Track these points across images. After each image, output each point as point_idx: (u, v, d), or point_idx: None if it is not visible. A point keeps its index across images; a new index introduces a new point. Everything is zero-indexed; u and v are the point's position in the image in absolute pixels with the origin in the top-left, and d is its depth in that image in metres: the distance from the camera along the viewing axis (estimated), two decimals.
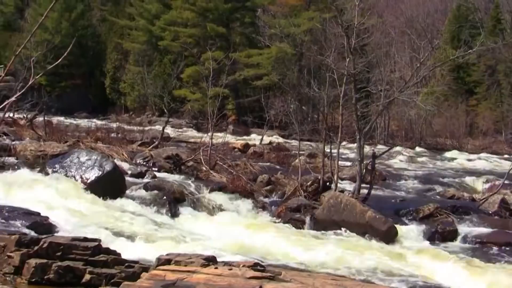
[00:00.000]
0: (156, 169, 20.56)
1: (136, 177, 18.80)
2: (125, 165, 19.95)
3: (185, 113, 56.33)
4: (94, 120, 53.30)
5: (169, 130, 37.58)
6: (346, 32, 18.16)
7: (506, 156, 40.00)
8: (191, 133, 45.80)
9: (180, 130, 49.77)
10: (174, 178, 19.45)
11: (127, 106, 67.67)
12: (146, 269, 8.55)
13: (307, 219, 16.08)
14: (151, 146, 25.16)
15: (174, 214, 15.92)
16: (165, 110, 32.12)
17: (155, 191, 16.68)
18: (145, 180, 18.43)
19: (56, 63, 7.76)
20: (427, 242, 15.27)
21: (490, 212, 17.78)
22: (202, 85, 33.29)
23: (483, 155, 41.70)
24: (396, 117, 53.01)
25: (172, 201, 16.32)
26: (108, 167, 16.82)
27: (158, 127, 36.31)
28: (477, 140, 52.77)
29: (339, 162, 19.77)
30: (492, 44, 33.39)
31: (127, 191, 16.66)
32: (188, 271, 7.91)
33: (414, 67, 21.94)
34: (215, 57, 31.32)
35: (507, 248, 14.60)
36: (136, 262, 9.08)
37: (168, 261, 8.40)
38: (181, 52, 56.26)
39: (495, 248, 14.58)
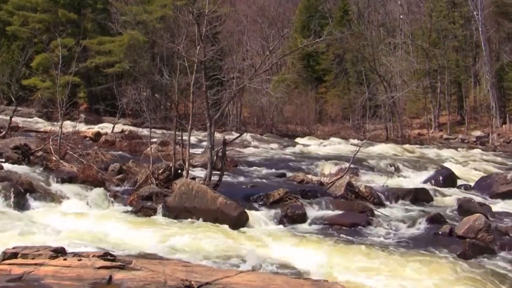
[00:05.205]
0: (3, 159, 19.91)
1: None
2: None
3: (35, 102, 54.69)
4: None
5: (18, 119, 36.40)
6: (196, 20, 18.30)
7: (352, 141, 41.48)
8: (42, 123, 44.46)
9: (29, 119, 48.13)
10: (22, 169, 18.91)
11: None
12: None
13: (159, 207, 16.07)
14: None
15: (22, 206, 15.50)
16: (13, 99, 31.09)
17: (2, 183, 16.15)
18: None
19: None
20: (277, 226, 15.59)
21: (337, 195, 18.45)
22: (52, 73, 32.37)
23: (331, 140, 43.25)
24: (248, 104, 54.02)
25: (20, 193, 15.86)
26: None
27: (6, 117, 35.03)
28: (326, 126, 54.68)
29: (191, 150, 19.93)
30: (339, 34, 34.68)
31: None
32: (36, 264, 7.80)
33: (264, 55, 22.39)
34: (66, 43, 30.59)
35: (352, 228, 15.22)
36: None
37: (14, 255, 8.22)
38: (30, 38, 54.52)
39: (341, 229, 15.13)
